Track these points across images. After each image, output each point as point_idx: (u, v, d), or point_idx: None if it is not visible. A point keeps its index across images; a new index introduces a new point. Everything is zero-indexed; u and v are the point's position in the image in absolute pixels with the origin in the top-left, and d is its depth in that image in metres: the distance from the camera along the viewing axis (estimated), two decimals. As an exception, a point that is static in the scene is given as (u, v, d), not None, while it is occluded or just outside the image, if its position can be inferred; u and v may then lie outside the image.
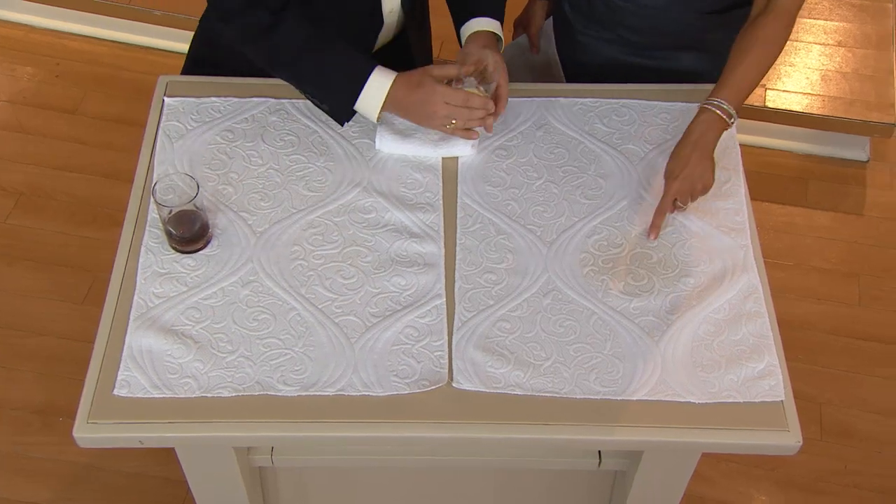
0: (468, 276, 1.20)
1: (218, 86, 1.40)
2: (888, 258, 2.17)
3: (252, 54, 1.29)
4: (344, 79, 1.26)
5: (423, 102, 1.24)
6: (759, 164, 2.35)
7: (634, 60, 1.48)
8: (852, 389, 1.94)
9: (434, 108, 1.24)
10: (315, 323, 1.15)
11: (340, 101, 1.28)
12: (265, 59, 1.29)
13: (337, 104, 1.29)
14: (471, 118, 1.26)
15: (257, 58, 1.30)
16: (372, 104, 1.26)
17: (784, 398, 1.08)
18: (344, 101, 1.27)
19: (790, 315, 2.05)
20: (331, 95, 1.28)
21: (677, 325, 1.14)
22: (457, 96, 1.24)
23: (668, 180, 1.22)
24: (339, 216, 1.26)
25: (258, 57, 1.30)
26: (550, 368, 1.11)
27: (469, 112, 1.25)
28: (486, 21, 1.37)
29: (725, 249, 1.21)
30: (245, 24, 1.24)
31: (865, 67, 2.37)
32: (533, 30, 1.61)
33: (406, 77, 1.25)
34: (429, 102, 1.24)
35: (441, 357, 1.12)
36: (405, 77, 1.25)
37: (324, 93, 1.29)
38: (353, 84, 1.25)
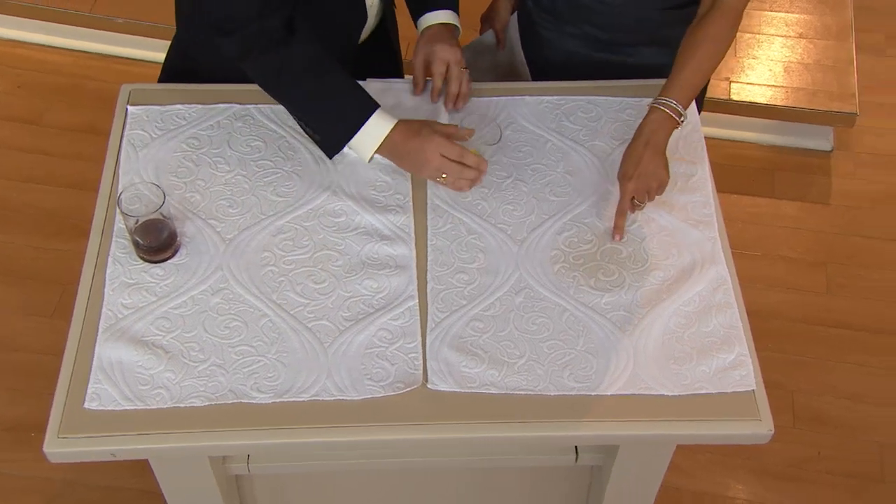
0: (440, 276, 1.19)
1: (182, 93, 1.39)
2: (854, 246, 2.21)
3: (253, 70, 1.25)
4: (344, 114, 1.24)
5: (418, 150, 1.23)
6: (725, 157, 2.38)
7: (598, 56, 1.48)
8: (823, 376, 1.97)
9: (428, 158, 1.23)
10: (287, 329, 1.14)
11: (335, 136, 1.26)
12: (266, 76, 1.25)
13: (330, 137, 1.26)
14: (461, 176, 1.25)
15: (258, 73, 1.25)
16: (368, 144, 1.24)
17: (755, 388, 1.09)
18: (339, 136, 1.25)
19: (760, 305, 2.07)
20: (326, 127, 1.26)
21: (648, 319, 1.14)
22: (453, 150, 1.24)
23: (622, 181, 1.23)
24: (308, 221, 1.25)
25: (258, 73, 1.25)
26: (524, 366, 1.11)
27: (461, 169, 1.24)
28: (442, 14, 1.38)
29: (694, 242, 1.22)
30: (254, 35, 1.20)
31: (826, 58, 2.40)
32: (498, 25, 1.62)
33: (406, 123, 1.25)
34: (423, 151, 1.23)
35: (415, 359, 1.11)
36: (405, 123, 1.25)
37: (320, 123, 1.26)
38: (351, 121, 1.23)
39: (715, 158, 1.37)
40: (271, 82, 1.25)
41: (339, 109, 1.24)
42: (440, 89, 1.38)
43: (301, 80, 1.23)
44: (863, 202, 2.30)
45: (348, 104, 1.24)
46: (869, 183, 2.34)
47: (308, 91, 1.24)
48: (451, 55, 1.36)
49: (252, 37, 1.20)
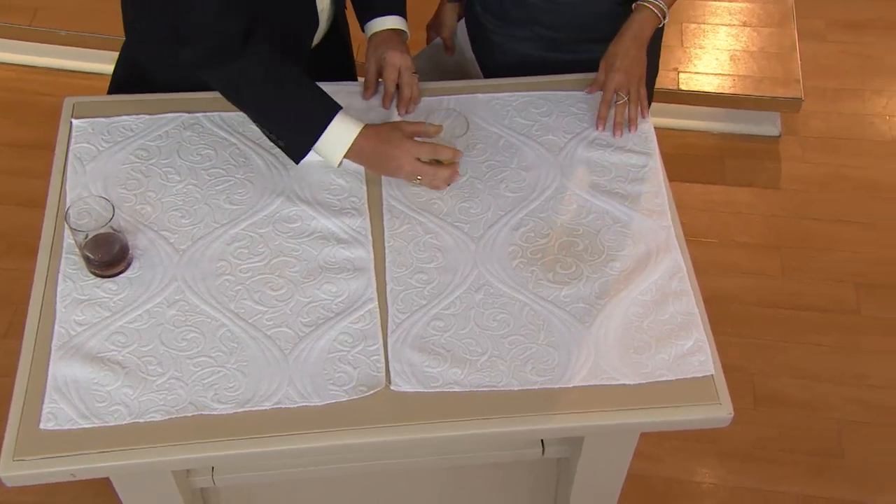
0: (399, 277, 1.19)
1: (128, 104, 1.36)
2: (806, 229, 2.25)
3: (214, 79, 1.23)
4: (307, 118, 1.22)
5: (389, 157, 1.22)
6: (675, 146, 2.41)
7: (549, 56, 1.49)
8: (781, 358, 2.01)
9: (401, 164, 1.22)
10: (246, 337, 1.13)
11: (299, 140, 1.24)
12: (226, 83, 1.23)
13: (295, 142, 1.24)
14: (437, 176, 1.24)
15: (217, 82, 1.24)
16: (336, 150, 1.23)
17: (714, 372, 1.10)
18: (303, 140, 1.23)
19: (717, 291, 2.10)
20: (290, 133, 1.24)
21: (607, 310, 1.15)
22: (425, 151, 1.23)
23: (609, 73, 1.33)
24: (263, 227, 1.24)
25: (218, 81, 1.23)
26: (487, 363, 1.11)
27: (435, 170, 1.24)
28: (390, 19, 1.38)
29: (648, 232, 1.24)
30: (214, 44, 1.18)
31: (771, 45, 2.45)
32: (445, 33, 1.62)
33: (375, 128, 1.24)
34: (395, 157, 1.22)
35: (377, 361, 1.11)
36: (374, 128, 1.23)
37: (283, 129, 1.24)
38: (315, 125, 1.22)
39: (666, 148, 1.38)
40: (232, 91, 1.24)
41: (302, 113, 1.23)
42: (392, 95, 1.37)
43: (262, 86, 1.21)
44: (811, 185, 2.35)
45: (311, 108, 1.22)
46: (816, 166, 2.39)
47: (269, 97, 1.22)
48: (402, 61, 1.36)
49: (212, 46, 1.19)
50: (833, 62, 2.64)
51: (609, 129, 1.35)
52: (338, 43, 1.49)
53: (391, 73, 1.36)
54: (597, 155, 1.33)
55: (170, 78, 1.35)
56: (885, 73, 2.60)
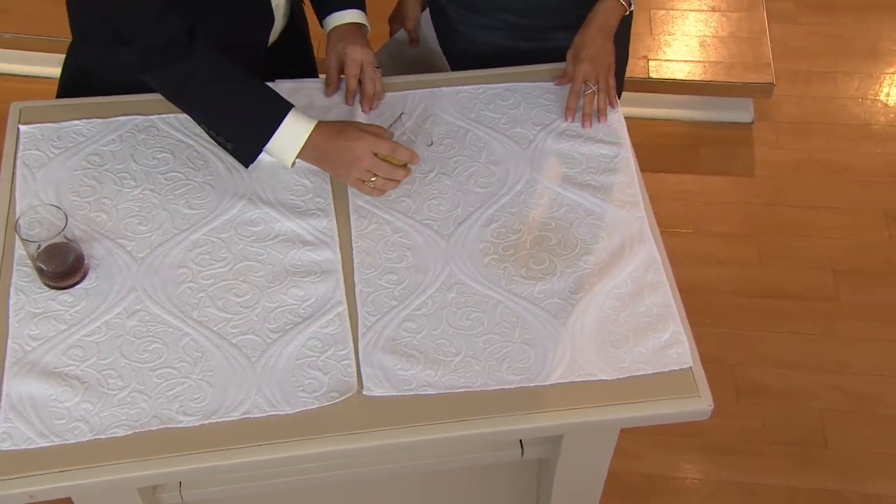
0: (368, 279, 1.19)
1: (78, 108, 1.35)
2: (782, 215, 2.30)
3: (155, 80, 1.22)
4: (256, 119, 1.22)
5: (345, 149, 1.21)
6: (647, 136, 2.44)
7: (516, 44, 1.51)
8: (761, 348, 2.04)
9: (358, 156, 1.21)
10: (211, 346, 1.13)
11: (249, 142, 1.23)
12: (171, 85, 1.22)
13: (244, 144, 1.23)
14: (392, 176, 1.23)
15: (161, 84, 1.23)
16: (288, 148, 1.22)
17: (692, 364, 1.12)
18: (253, 142, 1.22)
19: (694, 281, 2.14)
20: (239, 134, 1.23)
21: (582, 305, 1.17)
22: (384, 146, 1.22)
23: (575, 63, 1.35)
24: (225, 232, 1.23)
25: (163, 83, 1.22)
26: (461, 363, 1.12)
27: (392, 169, 1.23)
28: (350, 13, 1.39)
29: (621, 223, 1.25)
30: (156, 43, 1.17)
31: (740, 30, 2.49)
32: (409, 24, 1.63)
33: (329, 124, 1.23)
34: (352, 149, 1.21)
35: (348, 366, 1.11)
36: (328, 124, 1.23)
37: (231, 131, 1.23)
38: (265, 125, 1.21)
39: (638, 138, 1.40)
40: (176, 92, 1.23)
41: (251, 114, 1.22)
42: (354, 91, 1.38)
43: (208, 87, 1.21)
44: (786, 171, 2.39)
45: (260, 108, 1.22)
46: (791, 151, 2.43)
47: (216, 98, 1.21)
48: (364, 56, 1.36)
49: (154, 45, 1.18)
50: (804, 44, 2.68)
51: (579, 121, 1.37)
52: (297, 40, 1.49)
53: (353, 68, 1.37)
54: (567, 146, 1.35)
55: (120, 80, 1.34)
56: (857, 55, 2.66)
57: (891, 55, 2.65)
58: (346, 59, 1.37)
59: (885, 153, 2.42)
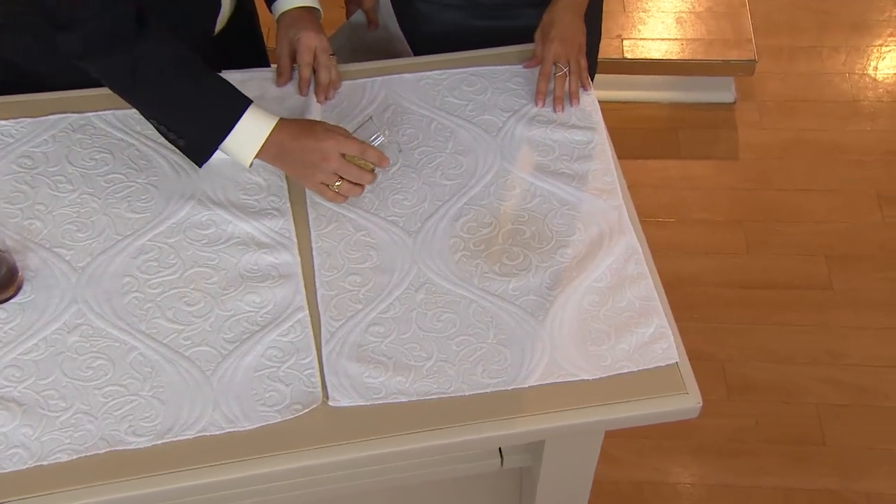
0: (330, 281, 1.20)
1: (5, 106, 1.34)
2: (769, 200, 2.34)
3: (101, 70, 1.20)
4: (212, 114, 1.21)
5: (313, 149, 1.20)
6: (624, 120, 2.47)
7: (481, 23, 1.52)
8: (751, 341, 2.08)
9: (325, 157, 1.20)
10: (162, 360, 1.12)
11: (203, 138, 1.22)
12: (116, 73, 1.19)
13: (198, 141, 1.22)
14: (360, 180, 1.23)
15: (105, 72, 1.20)
16: (246, 146, 1.21)
17: (678, 359, 1.14)
18: (208, 139, 1.21)
19: (680, 273, 2.17)
20: (193, 130, 1.22)
21: (560, 301, 1.18)
22: (354, 146, 1.22)
23: (545, 44, 1.37)
24: (173, 237, 1.23)
25: (107, 71, 1.20)
26: (434, 368, 1.13)
27: (359, 173, 1.23)
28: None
29: (599, 213, 1.27)
30: (101, 29, 1.15)
31: (718, 4, 2.53)
32: (366, 5, 1.63)
33: (293, 121, 1.23)
34: (320, 150, 1.20)
35: (312, 375, 1.12)
36: (292, 122, 1.23)
37: (184, 126, 1.22)
38: (221, 121, 1.20)
39: (614, 123, 1.43)
40: (123, 83, 1.21)
41: (206, 108, 1.21)
42: (308, 80, 1.38)
43: (158, 78, 1.19)
44: (771, 152, 2.43)
45: (216, 101, 1.21)
46: (775, 131, 2.48)
47: (167, 90, 1.20)
48: (317, 41, 1.37)
49: (98, 31, 1.15)
50: (786, 18, 2.73)
51: (550, 105, 1.38)
52: (245, 27, 1.49)
53: (306, 55, 1.37)
54: (538, 133, 1.36)
55: (51, 73, 1.33)
56: (842, 28, 2.71)
57: (878, 27, 2.71)
58: (298, 46, 1.37)
59: (875, 130, 2.47)
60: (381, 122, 1.34)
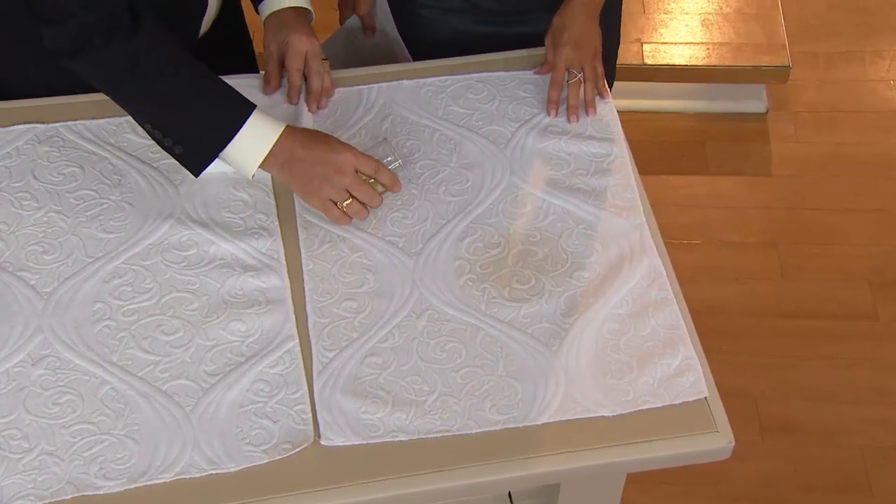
0: (323, 308, 1.21)
1: (-34, 115, 1.36)
2: (805, 220, 2.35)
3: (92, 66, 1.20)
4: (214, 115, 1.22)
5: (327, 161, 1.22)
6: (646, 132, 2.49)
7: (488, 30, 1.54)
8: (788, 377, 2.08)
9: (340, 171, 1.22)
10: (136, 396, 1.13)
11: (203, 144, 1.23)
12: (110, 71, 1.20)
13: (197, 147, 1.23)
14: (371, 201, 1.25)
15: (99, 70, 1.21)
16: (250, 155, 1.23)
17: (707, 394, 1.15)
18: (209, 144, 1.23)
19: (707, 301, 2.18)
20: (192, 134, 1.23)
21: (577, 329, 1.19)
22: (369, 164, 1.24)
23: (557, 49, 1.38)
24: (149, 258, 1.25)
25: (101, 69, 1.20)
26: (437, 403, 1.14)
27: (371, 194, 1.25)
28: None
29: (619, 233, 1.29)
30: (95, 21, 1.15)
31: (748, 5, 2.55)
32: (363, 9, 1.65)
33: (301, 129, 1.25)
34: (335, 162, 1.22)
35: (302, 412, 1.13)
36: (301, 129, 1.25)
37: (183, 129, 1.23)
38: (224, 126, 1.22)
39: (634, 135, 1.45)
40: (118, 81, 1.22)
41: (208, 109, 1.22)
42: (299, 87, 1.40)
43: (157, 76, 1.20)
44: (808, 168, 2.45)
45: (219, 103, 1.23)
46: (812, 145, 2.49)
47: (166, 89, 1.21)
48: (308, 45, 1.39)
49: (91, 24, 1.16)
50: (823, 21, 2.76)
51: (563, 115, 1.40)
52: (232, 30, 1.50)
53: (295, 61, 1.39)
54: (551, 145, 1.38)
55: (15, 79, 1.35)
56: (885, 31, 2.73)
57: (924, 30, 2.73)
58: (287, 51, 1.39)
59: (922, 144, 2.49)
60: (396, 145, 1.36)
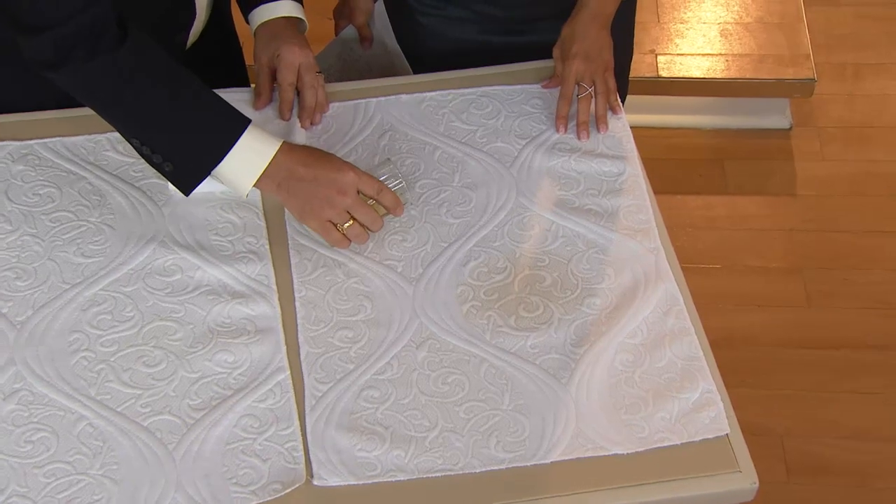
0: (316, 337, 1.22)
1: (-65, 132, 1.37)
2: (834, 243, 2.35)
3: (77, 77, 1.20)
4: (207, 130, 1.23)
5: (328, 181, 1.23)
6: (661, 149, 2.50)
7: (496, 40, 1.56)
8: (817, 413, 2.08)
9: (342, 191, 1.23)
10: (115, 432, 1.13)
11: (196, 161, 1.24)
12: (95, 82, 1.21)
13: (189, 164, 1.24)
14: (372, 224, 1.26)
15: (83, 82, 1.21)
16: (246, 170, 1.23)
17: (729, 431, 1.15)
18: (201, 161, 1.23)
19: (728, 330, 2.17)
20: (184, 150, 1.24)
21: (588, 360, 1.20)
22: (372, 185, 1.25)
23: (566, 60, 1.39)
24: (130, 285, 1.25)
25: (87, 81, 1.21)
26: (438, 440, 1.14)
27: (372, 217, 1.25)
28: (283, 5, 1.42)
29: (633, 257, 1.29)
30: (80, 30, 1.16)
31: (770, 14, 2.57)
32: (360, 19, 1.66)
33: (300, 146, 1.26)
34: (336, 182, 1.23)
35: (294, 449, 1.13)
36: (299, 146, 1.26)
37: (174, 145, 1.24)
38: (218, 141, 1.22)
39: (648, 152, 1.45)
40: (103, 95, 1.23)
41: (201, 123, 1.23)
42: (291, 102, 1.41)
43: (147, 88, 1.21)
44: (836, 188, 2.45)
45: (212, 117, 1.23)
46: (840, 163, 2.50)
47: (156, 102, 1.22)
48: (301, 58, 1.40)
49: (77, 33, 1.17)
50: (851, 30, 2.77)
51: (573, 132, 1.41)
52: (221, 41, 1.51)
53: (288, 74, 1.40)
54: (560, 163, 1.39)
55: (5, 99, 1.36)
56: (915, 42, 2.74)
57: (959, 40, 2.75)
58: (278, 63, 1.40)
59: (958, 162, 2.50)
60: (399, 165, 1.37)
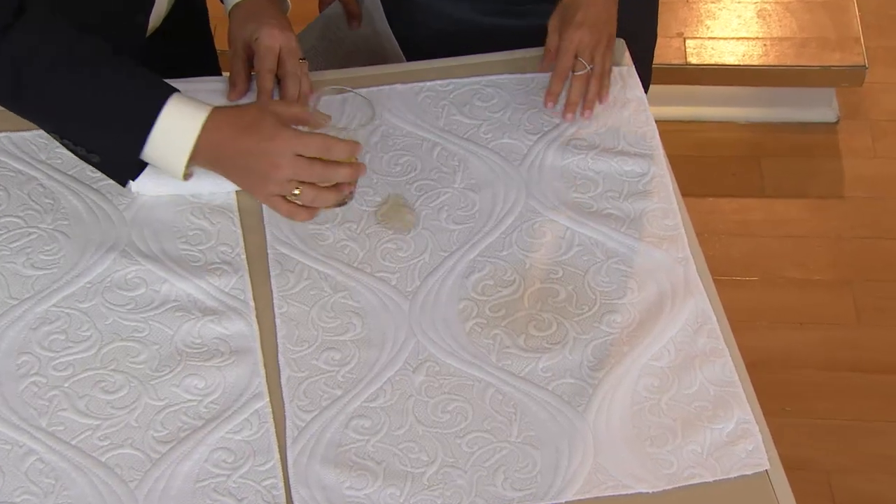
0: (299, 359, 1.22)
1: None
2: (886, 252, 2.35)
3: None
4: (125, 111, 1.23)
5: (258, 153, 1.22)
6: (690, 145, 2.50)
7: (497, 22, 1.56)
8: (869, 445, 2.07)
9: (276, 162, 1.21)
10: (69, 468, 1.13)
11: (120, 148, 1.24)
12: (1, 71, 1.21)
13: (114, 152, 1.24)
14: (327, 179, 1.24)
15: None
16: (174, 153, 1.23)
17: (769, 466, 1.15)
18: (126, 146, 1.23)
19: (767, 351, 2.17)
20: (104, 138, 1.24)
21: (607, 386, 1.19)
22: (312, 143, 1.22)
23: (567, 30, 1.37)
24: (87, 300, 1.25)
25: None
26: (438, 476, 1.13)
27: (325, 171, 1.23)
28: None
29: (658, 268, 1.29)
30: None
31: (814, -8, 2.57)
32: None
33: (231, 112, 1.24)
34: (267, 154, 1.22)
35: (273, 487, 1.13)
36: (229, 112, 1.24)
37: (93, 134, 1.24)
38: (140, 119, 1.22)
39: (676, 149, 1.45)
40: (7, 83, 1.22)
41: (116, 108, 1.23)
42: (271, 91, 1.40)
43: (49, 75, 1.21)
44: (888, 189, 2.45)
45: (127, 99, 1.23)
46: (893, 161, 2.50)
47: (62, 92, 1.22)
48: (282, 40, 1.39)
49: None
50: (905, 11, 2.77)
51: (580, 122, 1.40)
52: (189, 23, 1.51)
53: (267, 59, 1.40)
54: (576, 162, 1.39)
55: None
56: (979, 23, 2.75)
57: None
58: (256, 48, 1.40)
59: None
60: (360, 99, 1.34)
